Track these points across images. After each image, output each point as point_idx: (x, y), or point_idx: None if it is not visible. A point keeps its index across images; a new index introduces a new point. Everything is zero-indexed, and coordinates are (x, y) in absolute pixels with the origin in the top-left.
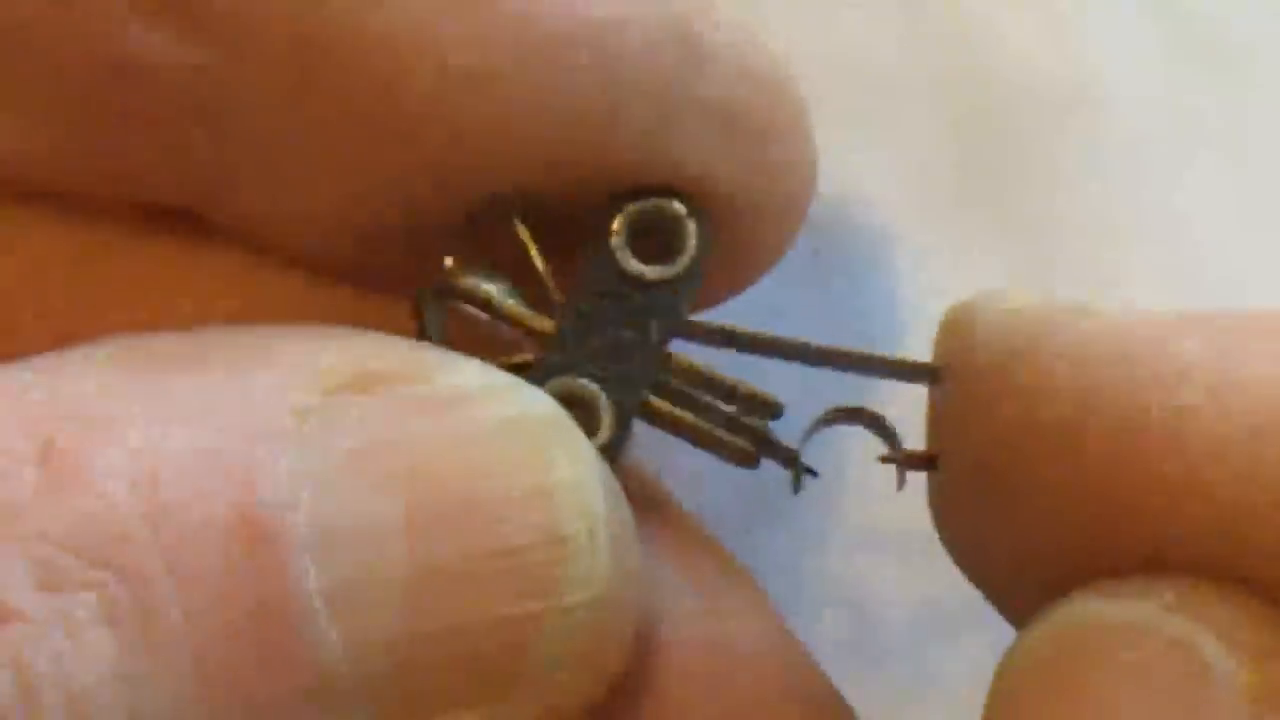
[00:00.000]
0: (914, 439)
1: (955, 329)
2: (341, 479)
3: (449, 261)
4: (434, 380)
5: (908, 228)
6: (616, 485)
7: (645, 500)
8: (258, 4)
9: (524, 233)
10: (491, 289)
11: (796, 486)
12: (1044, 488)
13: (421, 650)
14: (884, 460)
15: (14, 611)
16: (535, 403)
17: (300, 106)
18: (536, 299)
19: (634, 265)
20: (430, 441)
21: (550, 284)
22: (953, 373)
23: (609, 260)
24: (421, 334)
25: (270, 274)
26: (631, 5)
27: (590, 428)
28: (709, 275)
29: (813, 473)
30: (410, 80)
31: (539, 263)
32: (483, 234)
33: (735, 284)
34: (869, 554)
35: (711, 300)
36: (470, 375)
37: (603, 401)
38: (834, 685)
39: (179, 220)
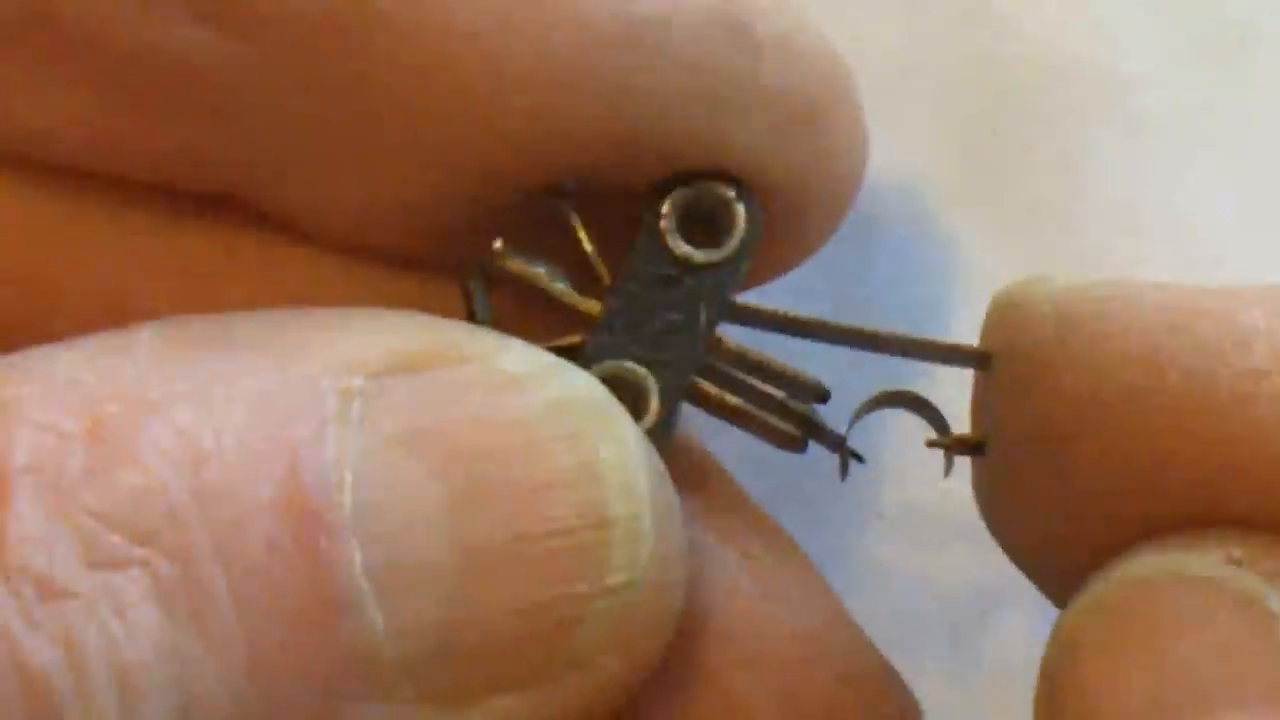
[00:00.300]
0: (958, 424)
1: (1007, 309)
2: (387, 461)
3: (498, 244)
4: (479, 362)
5: (913, 221)
6: (662, 467)
7: (697, 478)
8: (306, 6)
9: (575, 217)
10: (540, 271)
11: (844, 472)
12: (1107, 459)
13: (466, 633)
14: (931, 444)
15: (63, 588)
16: (581, 385)
17: (351, 103)
18: (585, 283)
19: (683, 248)
20: (475, 423)
21: (600, 267)
22: (1006, 353)
23: (658, 243)
24: (470, 316)
25: (316, 259)
26: None
27: (638, 411)
28: (758, 256)
29: (859, 458)
30: (458, 73)
31: (588, 246)
32: (533, 217)
33: (784, 264)
34: (901, 538)
35: (759, 280)
36: (516, 357)
37: (650, 384)
38: (891, 666)
39: (226, 206)
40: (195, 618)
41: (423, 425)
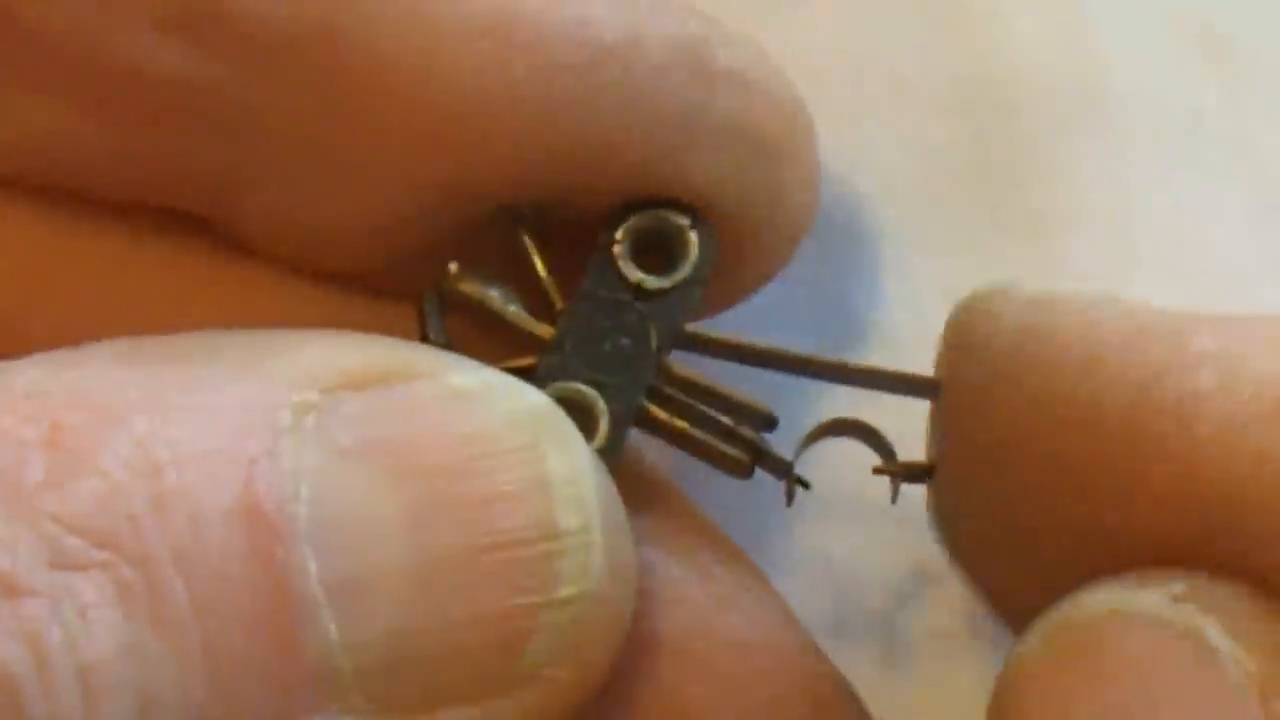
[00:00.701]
0: (913, 451)
1: (966, 317)
2: (340, 473)
3: (453, 267)
4: (432, 378)
5: (915, 225)
6: (611, 484)
7: (646, 492)
8: (274, 23)
9: (529, 241)
10: (494, 294)
11: (790, 498)
12: (1054, 475)
13: (419, 644)
14: (878, 472)
15: (27, 587)
16: (531, 400)
17: (315, 121)
18: (539, 307)
19: (635, 274)
20: (427, 437)
21: (553, 291)
22: (960, 371)
23: (611, 268)
24: (424, 337)
25: (276, 280)
26: (644, 26)
27: (587, 432)
28: (712, 284)
29: (805, 485)
30: (419, 96)
31: (542, 271)
32: (489, 241)
33: (738, 293)
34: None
35: (714, 308)
36: (468, 374)
37: (600, 406)
38: (842, 675)
39: (195, 227)
40: (154, 621)
41: (376, 439)
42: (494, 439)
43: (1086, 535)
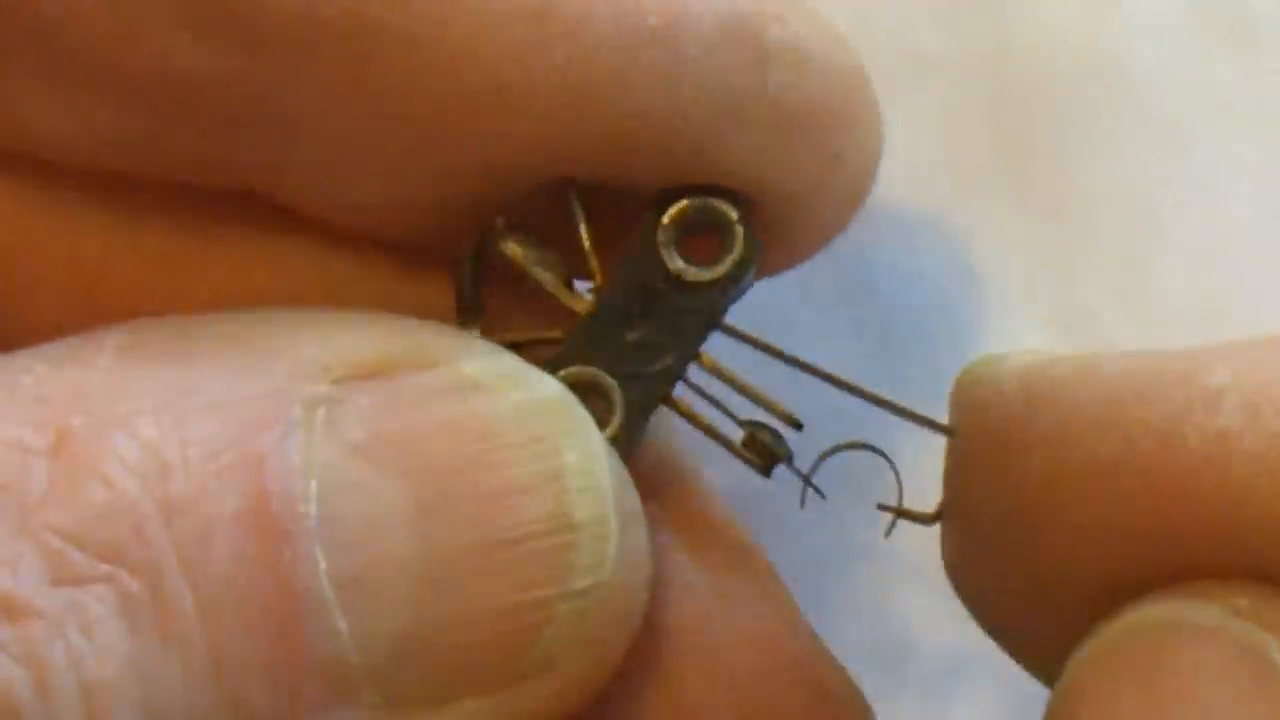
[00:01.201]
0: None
1: (973, 387)
2: (352, 469)
3: (500, 222)
4: (445, 367)
5: (938, 206)
6: (625, 474)
7: (660, 480)
8: (304, 14)
9: (578, 208)
10: (535, 257)
11: (803, 502)
12: (1081, 532)
13: (432, 638)
14: (881, 508)
15: (28, 607)
16: (546, 390)
17: (353, 110)
18: (580, 277)
19: (676, 263)
20: (440, 430)
21: (594, 263)
22: (973, 431)
23: (652, 254)
24: (458, 296)
25: (327, 251)
26: (690, 4)
27: (602, 418)
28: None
29: (820, 494)
30: (462, 86)
31: (586, 240)
32: (541, 201)
33: (783, 265)
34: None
35: (757, 276)
36: (481, 361)
37: (616, 395)
38: (845, 672)
39: (241, 201)
40: (161, 631)
41: (387, 432)
42: (506, 432)
43: (1121, 583)
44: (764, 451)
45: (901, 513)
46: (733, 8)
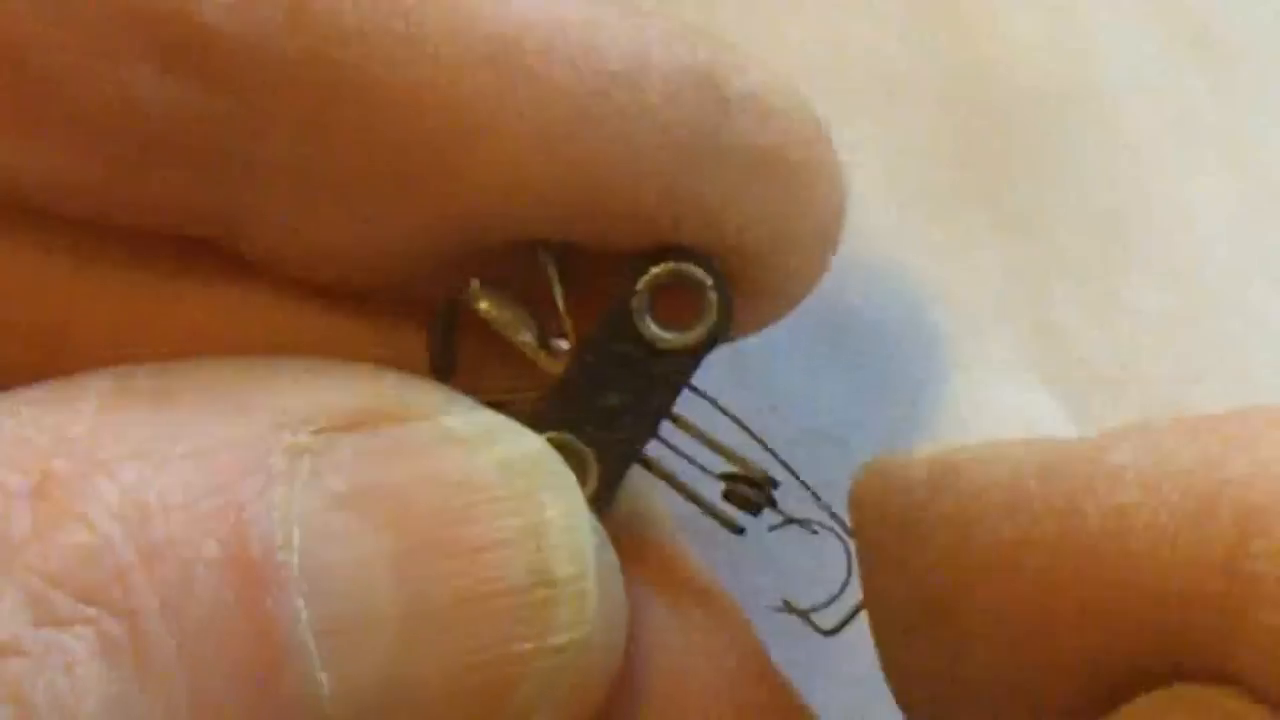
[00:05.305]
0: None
1: (876, 479)
2: (333, 519)
3: (475, 283)
4: (427, 420)
5: (908, 225)
6: (602, 530)
7: (634, 533)
8: (265, 55)
9: (553, 270)
10: (509, 317)
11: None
12: (985, 612)
13: (409, 690)
14: (782, 609)
15: (12, 646)
16: (528, 445)
17: (313, 151)
18: (555, 337)
19: (650, 330)
20: (422, 483)
21: (568, 326)
22: (877, 523)
23: (625, 321)
24: (432, 354)
25: (295, 301)
26: (652, 53)
27: (578, 480)
28: (737, 315)
29: (812, 529)
30: (422, 130)
31: (560, 302)
32: (514, 262)
33: (758, 322)
34: None
35: (733, 336)
36: (464, 416)
37: (591, 460)
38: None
39: (206, 249)
40: (141, 675)
41: (370, 484)
42: (488, 486)
43: (1025, 667)
44: (745, 503)
45: (804, 614)
46: (694, 57)
